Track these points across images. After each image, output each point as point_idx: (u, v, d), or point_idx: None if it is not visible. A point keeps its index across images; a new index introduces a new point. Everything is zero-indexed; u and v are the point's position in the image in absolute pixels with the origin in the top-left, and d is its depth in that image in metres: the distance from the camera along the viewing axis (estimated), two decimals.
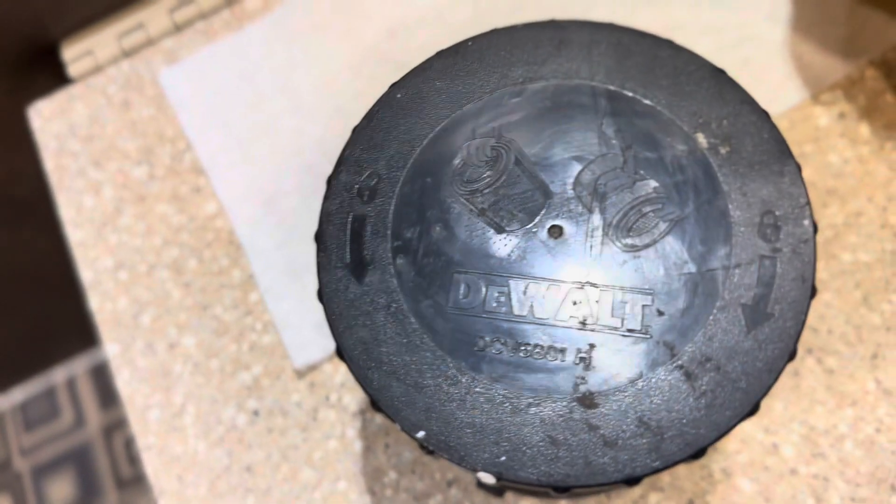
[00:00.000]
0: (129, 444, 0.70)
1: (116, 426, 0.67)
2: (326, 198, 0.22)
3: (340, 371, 0.34)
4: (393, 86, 0.23)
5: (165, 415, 0.35)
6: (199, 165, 0.38)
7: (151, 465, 0.34)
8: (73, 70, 0.40)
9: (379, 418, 0.34)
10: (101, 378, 0.72)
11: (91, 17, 0.41)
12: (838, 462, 0.31)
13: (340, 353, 0.21)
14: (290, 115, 0.38)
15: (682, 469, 0.32)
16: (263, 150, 0.38)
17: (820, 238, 0.34)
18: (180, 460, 0.34)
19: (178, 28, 0.40)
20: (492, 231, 0.21)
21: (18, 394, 0.69)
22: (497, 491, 0.32)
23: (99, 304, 0.37)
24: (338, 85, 0.39)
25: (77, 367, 0.71)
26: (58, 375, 0.70)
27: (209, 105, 0.39)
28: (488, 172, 0.22)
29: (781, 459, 0.31)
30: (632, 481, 0.19)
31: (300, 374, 0.34)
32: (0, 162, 0.46)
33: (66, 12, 0.40)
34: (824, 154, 0.35)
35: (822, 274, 0.34)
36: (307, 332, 0.34)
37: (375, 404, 0.20)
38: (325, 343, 0.34)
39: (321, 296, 0.21)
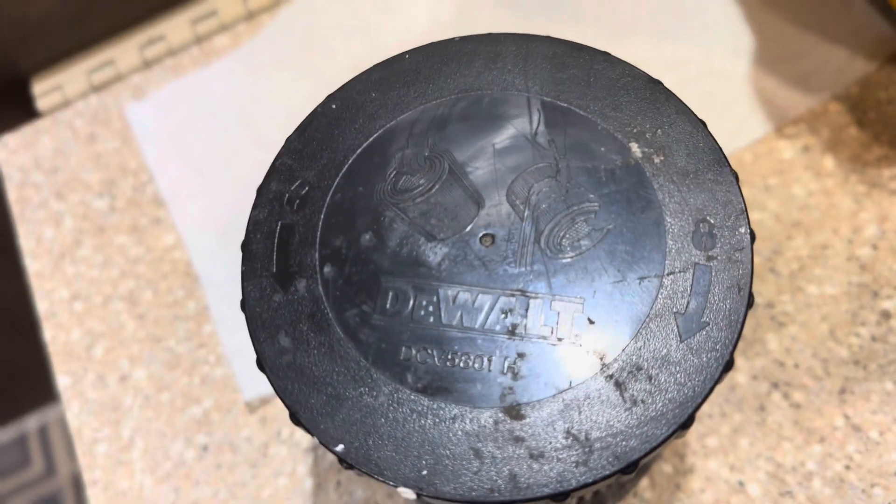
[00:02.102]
0: None
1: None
2: (255, 207, 0.22)
3: None
4: (328, 97, 0.23)
5: (113, 449, 0.34)
6: (160, 197, 0.38)
7: (96, 500, 0.33)
8: (41, 104, 0.40)
9: (332, 455, 0.32)
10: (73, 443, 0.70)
11: (62, 53, 0.41)
12: (806, 501, 0.30)
13: (260, 364, 0.20)
14: (252, 147, 0.38)
15: None
16: (224, 181, 0.37)
17: (785, 270, 0.33)
18: (126, 496, 0.33)
19: (148, 64, 0.41)
20: (423, 239, 0.21)
21: None
22: None
23: (53, 335, 0.36)
24: (300, 119, 0.38)
25: (49, 415, 0.70)
26: (30, 423, 0.69)
27: (172, 137, 0.39)
28: (421, 181, 0.22)
29: (748, 499, 0.30)
30: (559, 497, 0.18)
31: (252, 408, 0.33)
32: None
33: (36, 48, 0.40)
34: (789, 186, 0.35)
35: (787, 307, 0.33)
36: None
37: (294, 417, 0.19)
38: None
39: (244, 305, 0.21)
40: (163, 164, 0.38)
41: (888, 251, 0.33)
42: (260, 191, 0.22)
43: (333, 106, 0.23)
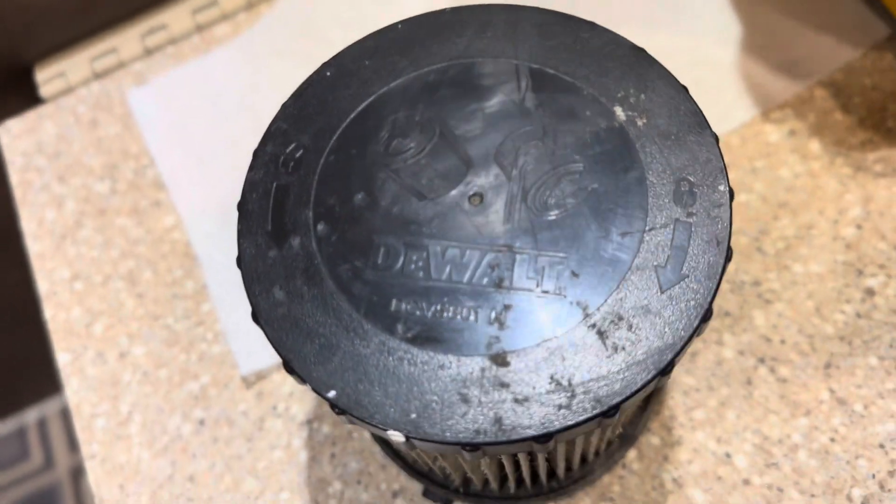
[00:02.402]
0: None
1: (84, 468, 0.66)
2: (251, 168, 0.22)
3: (289, 381, 0.34)
4: (323, 64, 0.24)
5: (111, 423, 0.34)
6: (160, 181, 0.38)
7: (94, 473, 0.33)
8: (44, 91, 0.41)
9: (326, 427, 0.33)
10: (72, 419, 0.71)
11: (65, 41, 0.42)
12: (792, 472, 0.30)
13: (255, 316, 0.21)
14: (251, 133, 0.39)
15: (632, 479, 0.31)
16: (223, 166, 0.38)
17: (772, 250, 0.34)
18: (123, 469, 0.33)
19: (149, 52, 0.42)
20: (414, 199, 0.22)
21: None
22: (444, 501, 0.32)
23: (52, 313, 0.37)
24: None
25: (49, 407, 0.70)
26: (29, 416, 0.69)
27: (173, 123, 0.39)
28: (413, 144, 0.22)
29: (734, 469, 0.31)
30: (542, 438, 0.19)
31: (248, 383, 0.34)
32: None
33: (40, 37, 0.41)
34: (775, 169, 0.36)
35: (773, 284, 0.33)
36: (255, 340, 0.34)
37: (288, 366, 0.20)
38: (273, 351, 0.34)
39: (240, 261, 0.21)
40: (163, 148, 0.39)
41: (872, 231, 0.34)
42: (256, 153, 0.23)
43: (328, 73, 0.24)
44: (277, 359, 0.34)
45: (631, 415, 0.31)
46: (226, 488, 0.32)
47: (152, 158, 0.39)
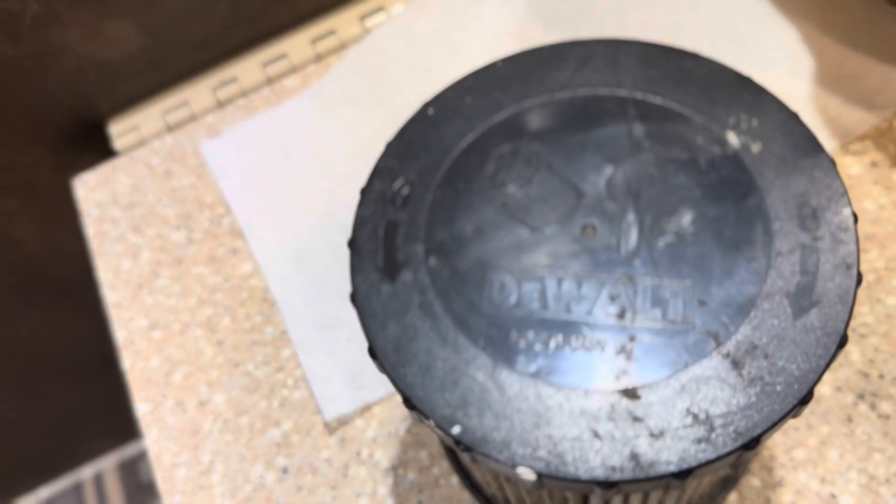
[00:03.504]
0: None
1: None
2: (360, 206, 0.22)
3: (372, 426, 0.33)
4: (424, 104, 0.24)
5: (192, 473, 0.34)
6: (236, 229, 0.39)
7: None
8: (118, 144, 0.42)
9: (412, 474, 0.32)
10: (129, 474, 0.70)
11: (138, 95, 0.43)
12: None
13: (373, 352, 0.20)
14: (324, 179, 0.39)
15: None
16: (298, 212, 0.38)
17: (863, 282, 0.33)
18: None
19: (221, 105, 0.42)
20: (525, 230, 0.21)
21: (45, 491, 0.68)
22: None
23: (131, 363, 0.37)
24: (370, 153, 0.40)
25: (105, 462, 0.70)
26: (85, 472, 0.69)
27: (247, 172, 0.40)
28: (520, 177, 0.22)
29: None
30: (682, 474, 0.18)
31: (331, 429, 0.34)
32: (42, 238, 0.47)
33: (114, 91, 0.42)
34: (859, 201, 0.35)
35: (867, 318, 0.32)
36: (338, 384, 0.34)
37: (408, 402, 0.20)
38: (356, 395, 0.33)
39: (354, 298, 0.21)
40: (239, 197, 0.39)
41: None
42: (364, 191, 0.23)
43: (430, 112, 0.24)
44: (361, 403, 0.33)
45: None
46: None
47: (228, 207, 0.39)
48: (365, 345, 0.34)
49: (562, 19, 0.41)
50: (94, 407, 0.63)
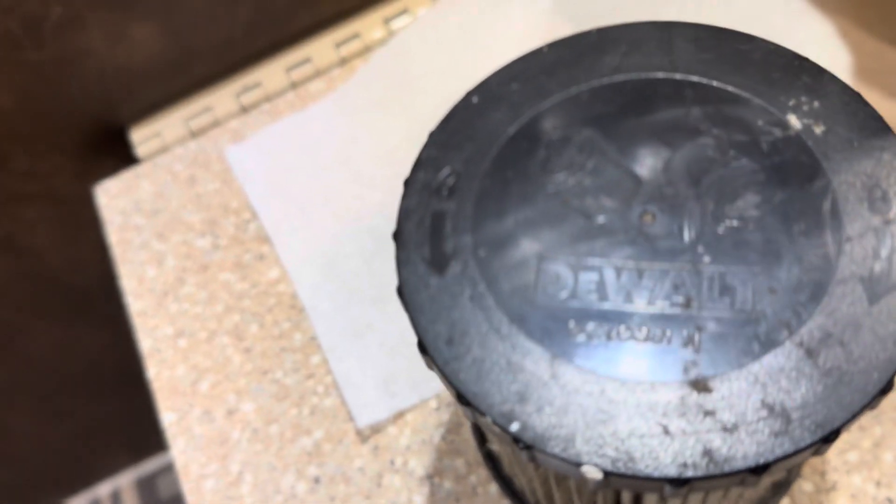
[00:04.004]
0: None
1: None
2: (404, 197, 0.21)
3: (405, 433, 0.32)
4: (469, 92, 0.23)
5: (221, 484, 0.33)
6: (263, 234, 0.38)
7: None
8: (140, 151, 0.41)
9: (448, 482, 0.31)
10: (147, 490, 0.69)
11: (160, 101, 0.42)
12: None
13: (423, 347, 0.19)
14: (351, 183, 0.38)
15: None
16: (325, 216, 0.37)
17: None
18: None
19: (245, 110, 0.42)
20: (581, 218, 0.20)
21: None
22: None
23: (156, 372, 0.36)
24: (397, 155, 0.39)
25: (123, 479, 0.69)
26: (103, 489, 0.68)
27: (273, 177, 0.39)
28: (572, 163, 0.21)
29: None
30: (759, 469, 0.17)
31: (363, 437, 0.32)
32: (62, 249, 0.46)
33: (136, 98, 0.41)
34: None
35: None
36: (370, 391, 0.33)
37: (462, 398, 0.19)
38: (390, 402, 0.32)
39: (401, 291, 0.20)
40: (265, 202, 0.38)
41: None
42: (407, 182, 0.22)
43: (474, 100, 0.23)
44: (394, 410, 0.32)
45: None
46: None
47: (254, 212, 0.38)
48: (397, 350, 0.33)
49: (591, 17, 0.40)
50: (113, 422, 0.62)
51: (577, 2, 0.40)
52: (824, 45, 0.38)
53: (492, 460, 0.31)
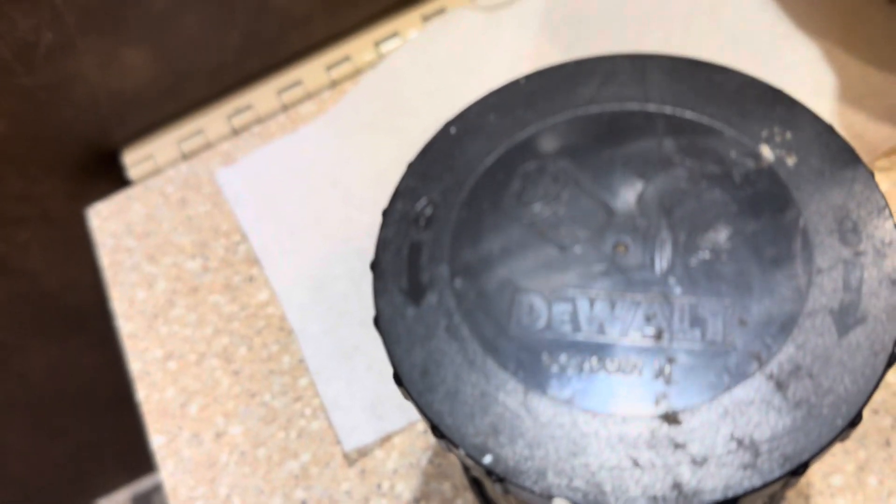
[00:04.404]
0: None
1: None
2: (382, 227, 0.22)
3: (392, 456, 0.32)
4: (447, 123, 0.23)
5: None
6: (252, 256, 0.38)
7: None
8: (132, 173, 0.42)
9: None
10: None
11: (152, 124, 0.43)
12: None
13: (398, 378, 0.20)
14: (341, 205, 0.39)
15: None
16: (315, 238, 0.38)
17: None
18: None
19: (236, 132, 0.42)
20: (554, 250, 0.21)
21: None
22: None
23: (146, 394, 0.36)
24: (387, 177, 0.39)
25: (119, 497, 0.69)
26: None
27: (263, 199, 0.39)
28: (547, 194, 0.21)
29: None
30: (728, 502, 0.17)
31: (350, 460, 0.33)
32: (55, 270, 0.47)
33: (129, 120, 0.42)
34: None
35: None
36: (358, 414, 0.33)
37: (436, 430, 0.19)
38: (377, 425, 0.32)
39: (377, 322, 0.20)
40: (255, 224, 0.39)
41: None
42: (386, 212, 0.22)
43: (452, 130, 0.23)
44: (381, 433, 0.32)
45: None
46: None
47: (244, 235, 0.39)
48: (385, 373, 0.33)
49: (579, 41, 0.40)
50: (108, 440, 0.62)
51: (566, 26, 0.41)
52: (810, 68, 0.38)
53: (478, 485, 0.31)
